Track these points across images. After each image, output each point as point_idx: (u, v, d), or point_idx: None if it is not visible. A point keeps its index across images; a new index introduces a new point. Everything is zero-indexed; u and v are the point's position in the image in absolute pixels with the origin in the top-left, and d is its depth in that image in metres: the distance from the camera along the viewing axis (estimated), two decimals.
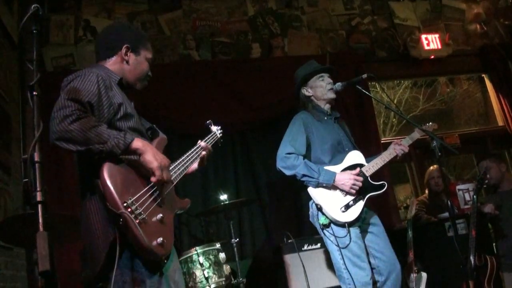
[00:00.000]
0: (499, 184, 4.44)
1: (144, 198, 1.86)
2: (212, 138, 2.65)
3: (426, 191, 5.01)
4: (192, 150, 2.40)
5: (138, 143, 1.87)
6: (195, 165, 2.46)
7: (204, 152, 2.42)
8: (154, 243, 1.79)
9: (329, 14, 5.60)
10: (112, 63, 2.19)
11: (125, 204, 1.74)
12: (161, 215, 1.90)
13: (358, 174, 3.17)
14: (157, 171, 1.89)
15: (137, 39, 2.25)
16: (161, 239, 1.82)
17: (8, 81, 3.88)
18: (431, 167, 4.96)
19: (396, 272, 3.12)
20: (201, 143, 2.46)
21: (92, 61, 2.36)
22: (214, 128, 2.73)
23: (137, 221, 1.75)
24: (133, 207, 1.76)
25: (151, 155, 1.89)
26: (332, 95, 3.40)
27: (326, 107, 3.45)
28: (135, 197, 1.81)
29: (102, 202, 1.80)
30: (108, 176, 1.76)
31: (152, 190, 1.94)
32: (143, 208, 1.82)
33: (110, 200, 1.74)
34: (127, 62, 2.20)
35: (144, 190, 1.89)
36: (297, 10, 5.54)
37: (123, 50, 2.19)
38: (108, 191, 1.74)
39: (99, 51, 2.24)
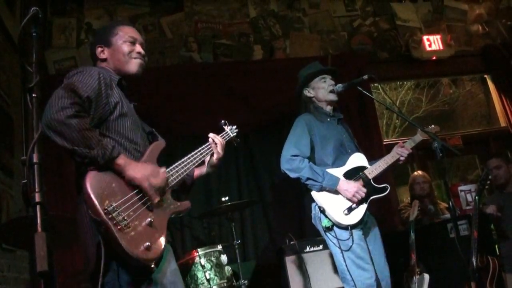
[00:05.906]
0: (505, 184, 4.42)
1: (129, 203, 1.84)
2: (223, 138, 2.54)
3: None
4: (199, 149, 2.34)
5: (121, 160, 1.86)
6: (203, 169, 2.41)
7: (214, 144, 2.36)
8: (141, 248, 1.76)
9: (330, 15, 5.61)
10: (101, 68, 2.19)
11: (105, 211, 1.72)
12: (150, 219, 1.87)
13: (361, 180, 3.17)
14: (143, 183, 1.89)
15: (105, 33, 2.24)
16: (148, 244, 1.78)
17: (11, 84, 3.90)
18: (416, 172, 4.90)
19: (386, 279, 3.11)
20: (211, 136, 2.40)
21: None
22: (227, 128, 2.64)
23: (118, 227, 1.72)
24: (114, 214, 1.74)
25: (132, 170, 1.88)
26: (332, 97, 3.38)
27: (328, 108, 3.43)
28: (118, 203, 1.78)
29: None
30: (89, 183, 1.75)
31: (141, 194, 1.91)
32: (127, 213, 1.79)
33: (90, 207, 1.73)
34: (105, 59, 2.20)
35: (131, 194, 1.86)
36: (298, 12, 5.54)
37: (98, 51, 2.21)
38: (88, 198, 1.73)
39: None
